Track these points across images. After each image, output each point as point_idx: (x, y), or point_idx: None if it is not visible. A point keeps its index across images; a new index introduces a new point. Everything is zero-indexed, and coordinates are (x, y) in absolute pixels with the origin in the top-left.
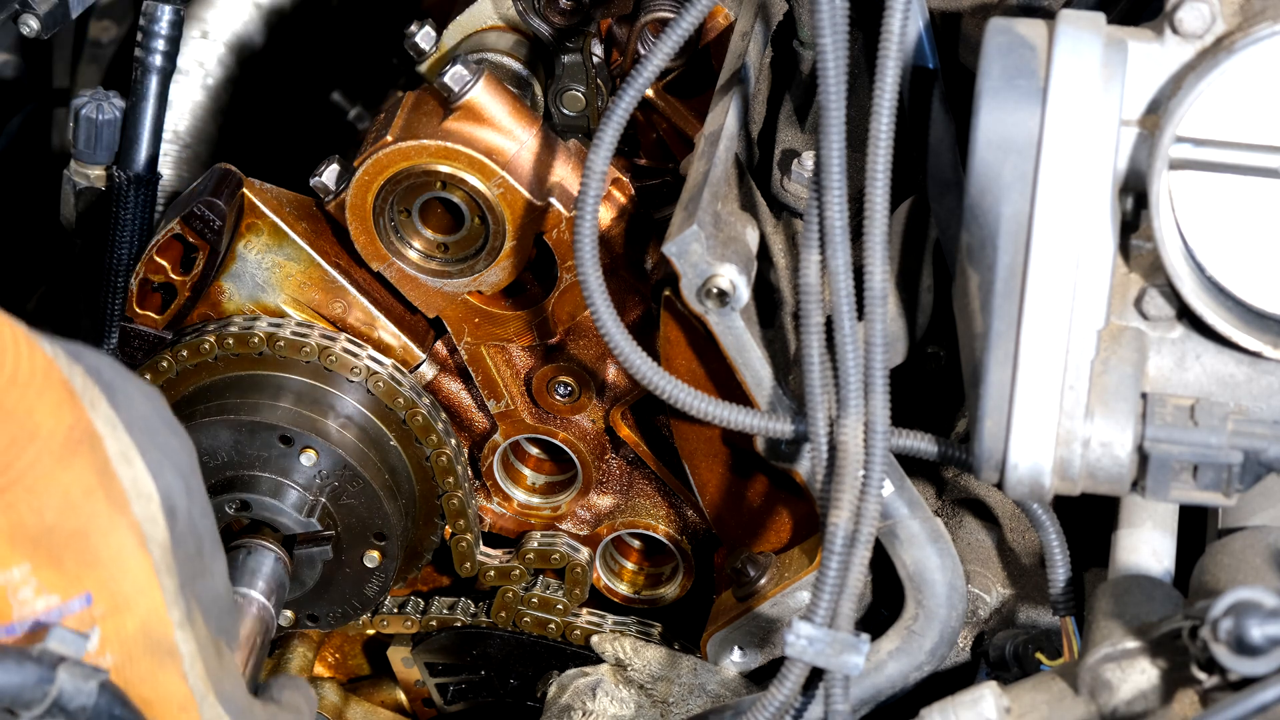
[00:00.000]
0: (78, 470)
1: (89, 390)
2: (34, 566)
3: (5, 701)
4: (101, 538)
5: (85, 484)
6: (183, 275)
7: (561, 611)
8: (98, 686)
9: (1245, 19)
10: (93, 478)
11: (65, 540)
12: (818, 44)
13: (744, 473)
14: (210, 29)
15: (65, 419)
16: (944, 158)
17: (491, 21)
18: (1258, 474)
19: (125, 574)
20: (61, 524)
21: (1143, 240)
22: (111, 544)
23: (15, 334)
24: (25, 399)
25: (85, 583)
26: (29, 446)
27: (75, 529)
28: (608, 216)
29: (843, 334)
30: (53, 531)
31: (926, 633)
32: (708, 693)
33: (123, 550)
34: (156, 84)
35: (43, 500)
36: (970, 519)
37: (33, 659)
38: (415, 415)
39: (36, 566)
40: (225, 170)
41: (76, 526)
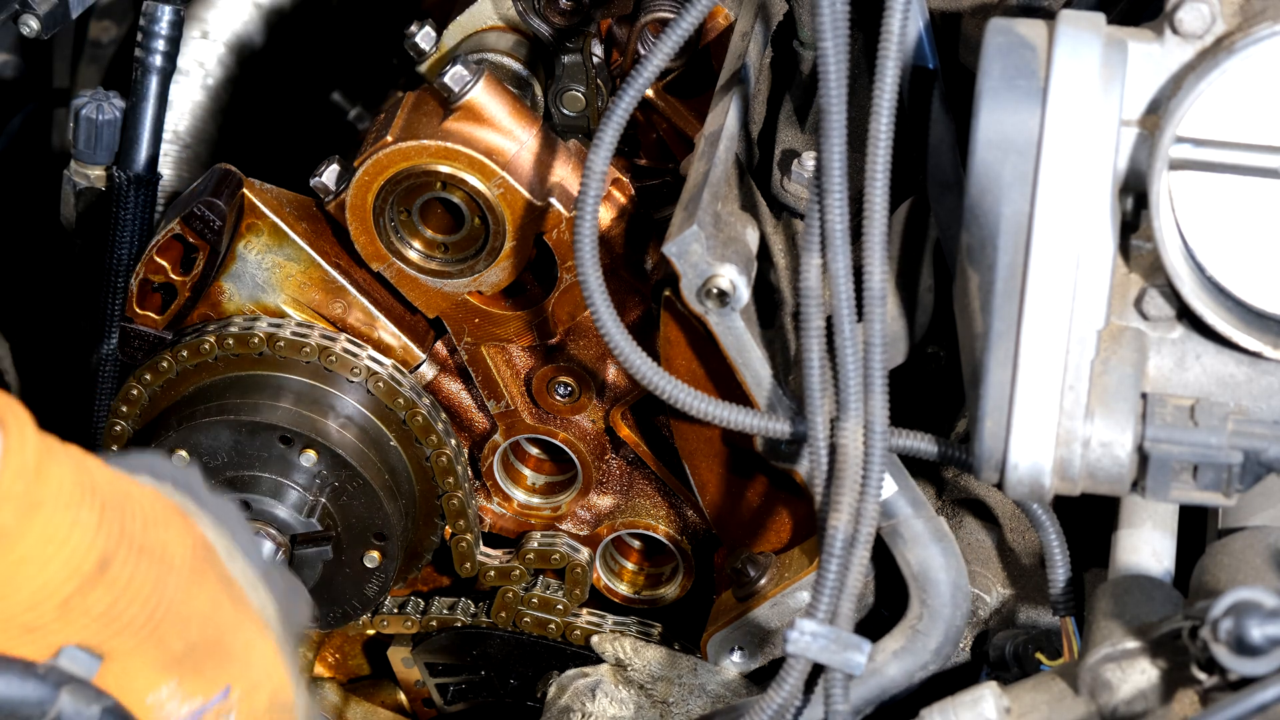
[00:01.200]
0: (209, 586)
1: (187, 502)
2: (180, 681)
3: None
4: (234, 637)
5: (214, 595)
6: (183, 275)
7: (561, 612)
8: (101, 712)
9: (1245, 19)
10: (218, 585)
11: (205, 652)
12: (818, 45)
13: (744, 473)
14: (210, 29)
15: (188, 540)
16: (944, 158)
17: (491, 21)
18: (1258, 474)
19: (256, 660)
20: (201, 639)
21: (1143, 240)
22: (240, 639)
23: (119, 477)
24: (159, 536)
25: (225, 678)
26: (170, 579)
27: (211, 640)
28: (608, 216)
29: (842, 335)
30: (195, 648)
31: (931, 632)
32: (708, 693)
33: (252, 641)
34: (156, 84)
35: (185, 623)
36: (970, 519)
37: (37, 675)
38: (415, 415)
39: (182, 681)
40: (225, 170)
41: (213, 637)
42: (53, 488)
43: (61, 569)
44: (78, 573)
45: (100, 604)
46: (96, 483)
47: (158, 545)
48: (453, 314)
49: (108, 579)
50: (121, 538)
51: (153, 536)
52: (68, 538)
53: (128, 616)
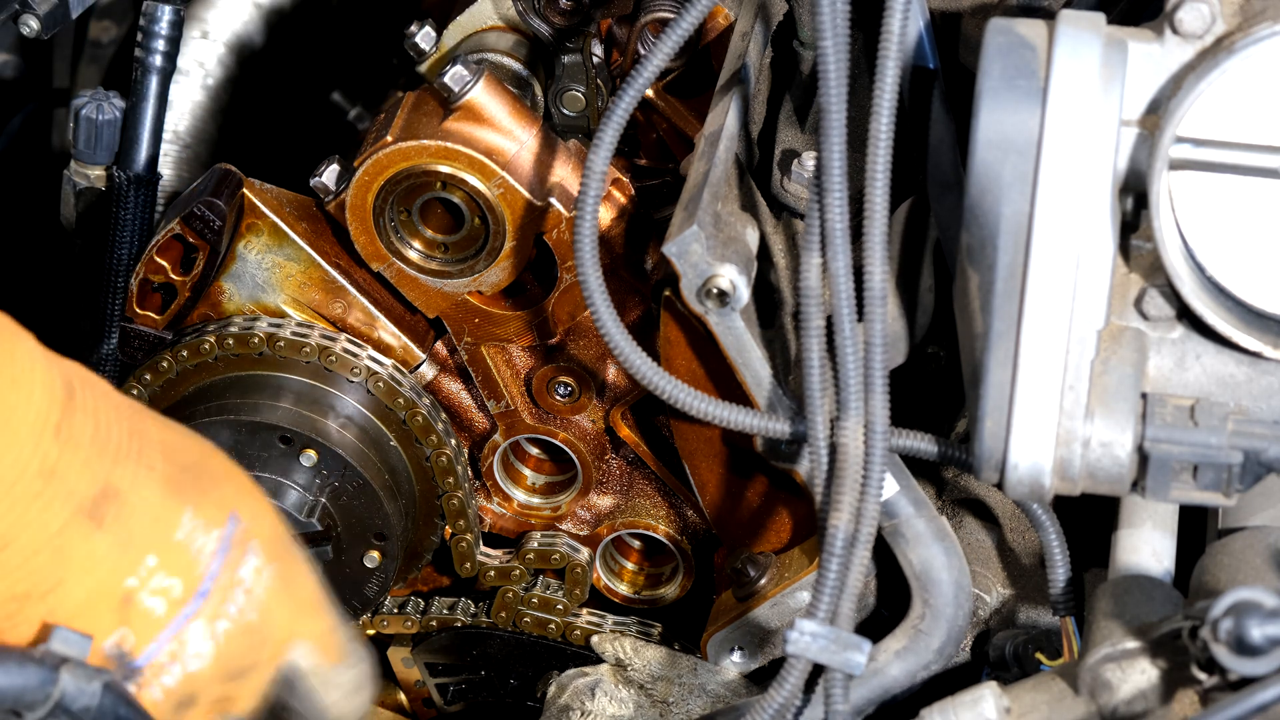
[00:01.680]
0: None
1: None
2: (195, 507)
3: (7, 703)
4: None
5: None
6: (183, 275)
7: (562, 612)
8: (101, 687)
9: (1245, 19)
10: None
11: (200, 473)
12: (818, 45)
13: (744, 473)
14: (210, 29)
15: None
16: (944, 158)
17: (491, 22)
18: (1258, 474)
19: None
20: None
21: (1143, 240)
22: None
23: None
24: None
25: (229, 503)
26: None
27: (198, 463)
28: (608, 216)
29: (843, 335)
30: (188, 469)
31: (934, 632)
32: (708, 693)
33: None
34: (157, 84)
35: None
36: (970, 519)
37: (35, 660)
38: (415, 415)
39: (196, 506)
40: (225, 170)
41: (198, 460)
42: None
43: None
44: (54, 397)
45: (85, 427)
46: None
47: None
48: (453, 314)
49: (77, 403)
50: (71, 369)
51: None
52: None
53: (115, 438)
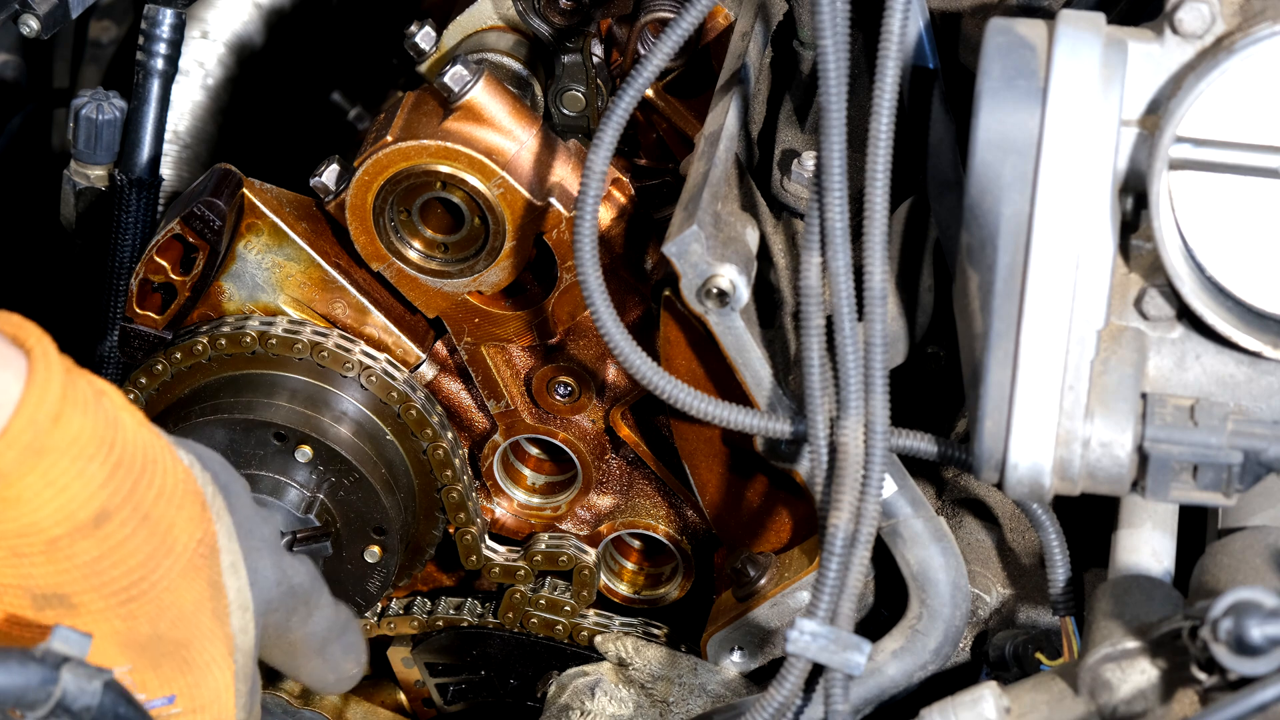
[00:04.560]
0: (197, 584)
1: (215, 500)
2: (135, 669)
3: (9, 702)
4: (199, 649)
5: (198, 598)
6: (183, 275)
7: (569, 613)
8: (102, 686)
9: (1245, 19)
10: (206, 590)
11: (168, 649)
12: (818, 44)
13: (744, 473)
14: (210, 29)
15: (197, 533)
16: (944, 158)
17: (491, 21)
18: (1258, 474)
19: (210, 681)
20: (170, 634)
21: (1143, 240)
22: (205, 654)
23: (160, 443)
24: (169, 513)
25: (174, 686)
26: (164, 560)
27: (180, 639)
28: (608, 216)
29: (843, 335)
30: (161, 640)
31: (931, 632)
32: (708, 693)
33: (213, 661)
34: (158, 88)
35: (160, 613)
36: (970, 519)
37: (36, 659)
38: (410, 409)
39: (137, 669)
40: (225, 170)
41: (182, 637)
42: (66, 437)
43: (54, 513)
44: (70, 519)
45: (87, 554)
46: (123, 440)
47: (164, 521)
48: (453, 314)
49: (102, 534)
50: (127, 499)
51: (161, 511)
52: (67, 486)
53: (109, 577)
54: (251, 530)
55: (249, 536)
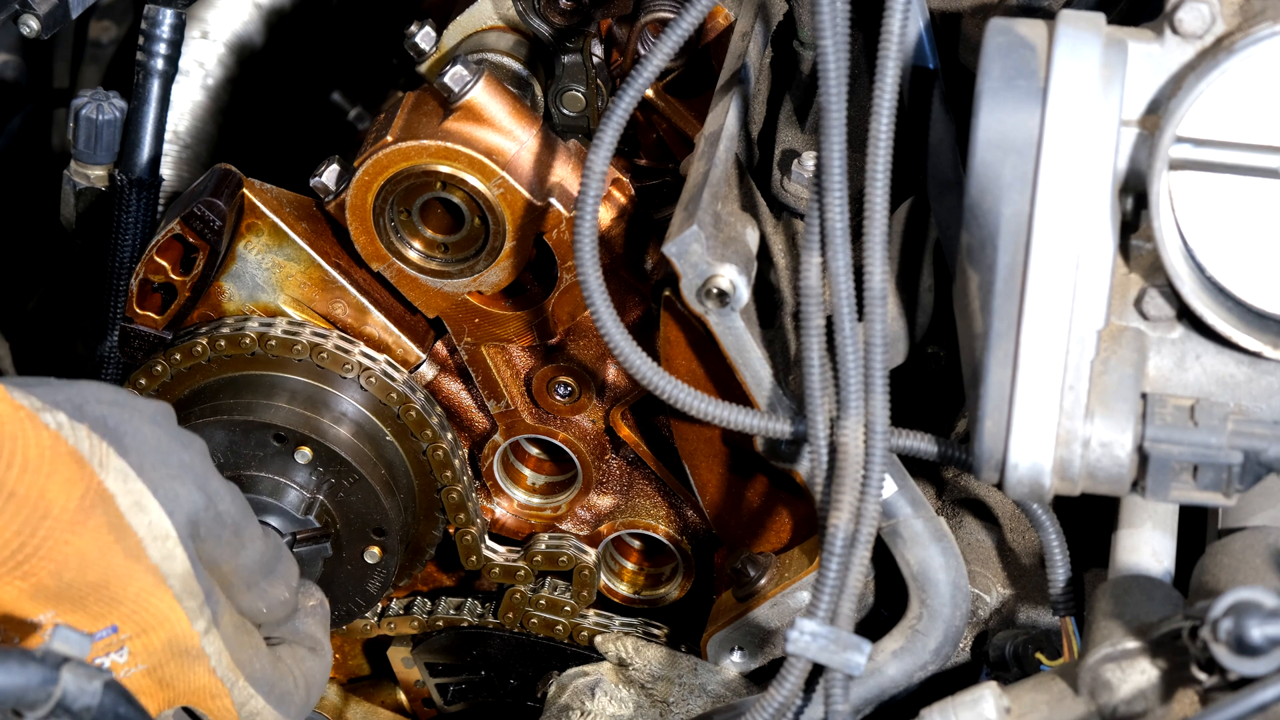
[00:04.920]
0: (92, 532)
1: (97, 449)
2: (59, 612)
3: (9, 703)
4: (121, 585)
5: (100, 543)
6: (183, 275)
7: (569, 613)
8: (102, 686)
9: (1245, 19)
10: (108, 535)
11: (86, 591)
12: (818, 45)
13: (744, 473)
14: (210, 29)
15: (75, 490)
16: (944, 158)
17: (491, 22)
18: (1258, 474)
19: (148, 607)
20: (80, 579)
21: (1143, 240)
22: (131, 588)
23: (18, 417)
24: (36, 482)
25: (110, 618)
26: (42, 525)
27: (94, 581)
28: (608, 217)
29: (843, 335)
30: (72, 586)
31: (931, 632)
32: (708, 693)
33: (142, 591)
34: (158, 88)
35: (60, 565)
36: (970, 519)
37: (36, 660)
38: (409, 410)
39: (61, 613)
40: (225, 170)
41: (96, 579)
42: None
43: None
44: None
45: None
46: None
47: (32, 492)
48: (453, 314)
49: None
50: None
51: (28, 483)
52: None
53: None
54: (161, 461)
55: (157, 468)
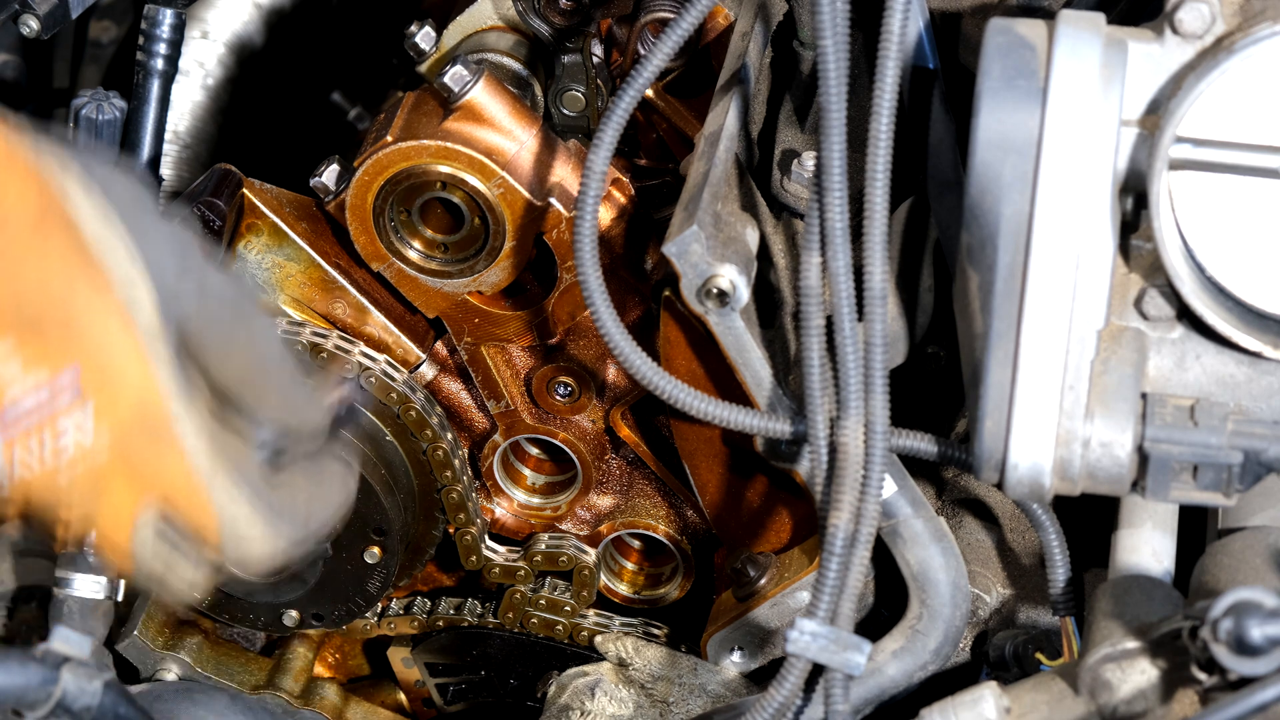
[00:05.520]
0: (53, 254)
1: (61, 178)
2: (17, 341)
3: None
4: (83, 312)
5: (62, 267)
6: None
7: (569, 613)
8: (102, 686)
9: (1245, 19)
10: (72, 259)
11: (47, 319)
12: (818, 44)
13: (744, 473)
14: (210, 29)
15: (33, 203)
16: (944, 158)
17: (491, 22)
18: (1258, 474)
19: (113, 349)
20: (41, 304)
21: (1143, 240)
22: (96, 324)
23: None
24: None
25: (72, 353)
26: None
27: (56, 310)
28: (608, 217)
29: (843, 335)
30: (32, 308)
31: (931, 632)
32: (708, 693)
33: (108, 329)
34: (158, 88)
35: (18, 282)
36: (970, 519)
37: (36, 660)
38: (409, 410)
39: (20, 341)
40: (225, 170)
41: (58, 307)
42: None
43: None
44: None
45: None
46: None
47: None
48: (453, 314)
49: None
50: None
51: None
52: None
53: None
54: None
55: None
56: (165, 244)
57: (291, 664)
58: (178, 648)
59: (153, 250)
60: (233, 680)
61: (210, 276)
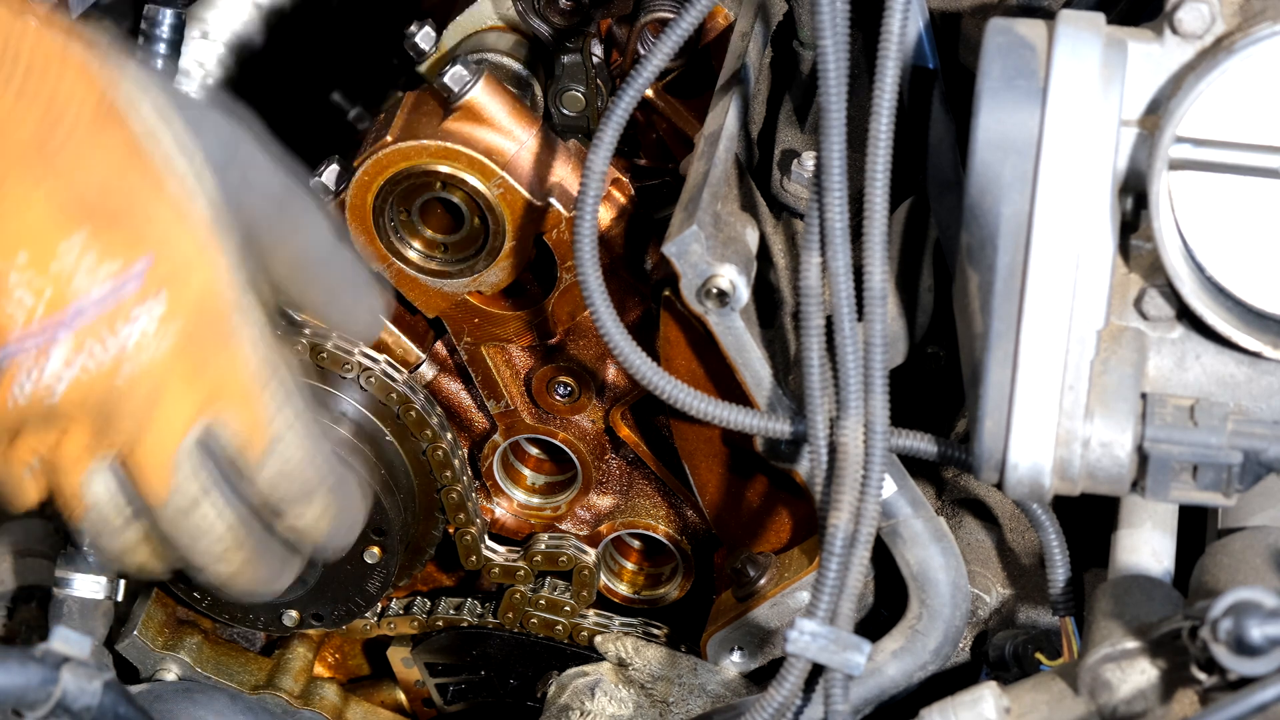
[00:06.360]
0: (112, 147)
1: (115, 74)
2: (93, 230)
3: (10, 703)
4: (152, 198)
5: (121, 161)
6: None
7: (569, 613)
8: (102, 686)
9: (1245, 19)
10: (129, 154)
11: (119, 204)
12: (818, 44)
13: (744, 473)
14: (210, 29)
15: (90, 99)
16: (944, 158)
17: (491, 22)
18: (1258, 474)
19: (179, 240)
20: (105, 196)
21: (1143, 240)
22: (159, 216)
23: (21, 23)
24: (45, 85)
25: (147, 242)
26: (59, 127)
27: (126, 191)
28: (608, 217)
29: (842, 335)
30: (105, 196)
31: (930, 632)
32: (708, 693)
33: (171, 221)
34: None
35: (81, 174)
36: (970, 519)
37: (36, 659)
38: (409, 410)
39: (95, 230)
40: None
41: (127, 188)
42: None
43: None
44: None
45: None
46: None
47: (42, 91)
48: (453, 314)
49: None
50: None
51: (34, 82)
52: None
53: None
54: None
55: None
56: (217, 136)
57: (291, 664)
58: (177, 648)
59: (206, 142)
60: (232, 680)
61: (262, 167)
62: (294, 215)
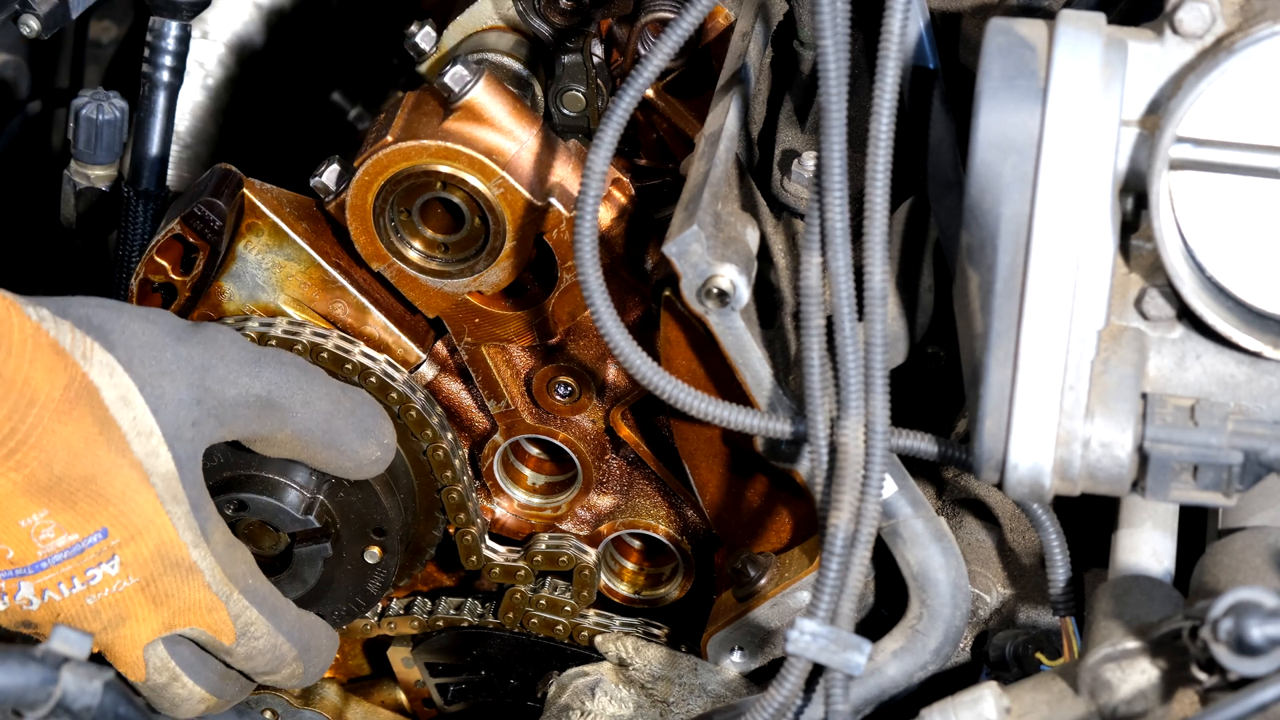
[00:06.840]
0: (77, 423)
1: (81, 343)
2: (51, 511)
3: (10, 702)
4: (107, 480)
5: (86, 434)
6: (183, 275)
7: (569, 613)
8: (102, 686)
9: (1245, 19)
10: (93, 427)
11: (75, 486)
12: (818, 44)
13: (744, 473)
14: (210, 29)
15: (59, 379)
16: (944, 158)
17: (491, 22)
18: (1258, 474)
19: (134, 508)
20: (70, 472)
21: (1143, 240)
22: (117, 484)
23: (5, 306)
24: (20, 368)
25: (100, 519)
26: (30, 411)
27: (83, 475)
28: (608, 216)
29: (843, 335)
30: (63, 480)
31: (931, 632)
32: (708, 693)
33: (128, 488)
34: (164, 100)
35: (50, 455)
36: (970, 519)
37: (36, 659)
38: (410, 410)
39: (53, 511)
40: (225, 170)
41: (84, 473)
42: None
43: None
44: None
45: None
46: None
47: (17, 376)
48: (453, 314)
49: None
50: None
51: (11, 367)
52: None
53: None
54: (151, 357)
55: (147, 364)
56: (181, 377)
57: None
58: None
59: (165, 391)
60: None
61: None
62: (281, 408)
